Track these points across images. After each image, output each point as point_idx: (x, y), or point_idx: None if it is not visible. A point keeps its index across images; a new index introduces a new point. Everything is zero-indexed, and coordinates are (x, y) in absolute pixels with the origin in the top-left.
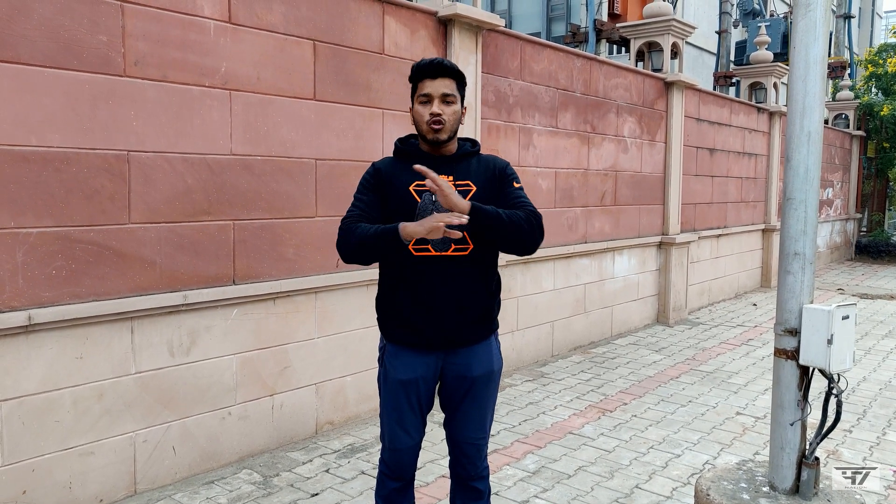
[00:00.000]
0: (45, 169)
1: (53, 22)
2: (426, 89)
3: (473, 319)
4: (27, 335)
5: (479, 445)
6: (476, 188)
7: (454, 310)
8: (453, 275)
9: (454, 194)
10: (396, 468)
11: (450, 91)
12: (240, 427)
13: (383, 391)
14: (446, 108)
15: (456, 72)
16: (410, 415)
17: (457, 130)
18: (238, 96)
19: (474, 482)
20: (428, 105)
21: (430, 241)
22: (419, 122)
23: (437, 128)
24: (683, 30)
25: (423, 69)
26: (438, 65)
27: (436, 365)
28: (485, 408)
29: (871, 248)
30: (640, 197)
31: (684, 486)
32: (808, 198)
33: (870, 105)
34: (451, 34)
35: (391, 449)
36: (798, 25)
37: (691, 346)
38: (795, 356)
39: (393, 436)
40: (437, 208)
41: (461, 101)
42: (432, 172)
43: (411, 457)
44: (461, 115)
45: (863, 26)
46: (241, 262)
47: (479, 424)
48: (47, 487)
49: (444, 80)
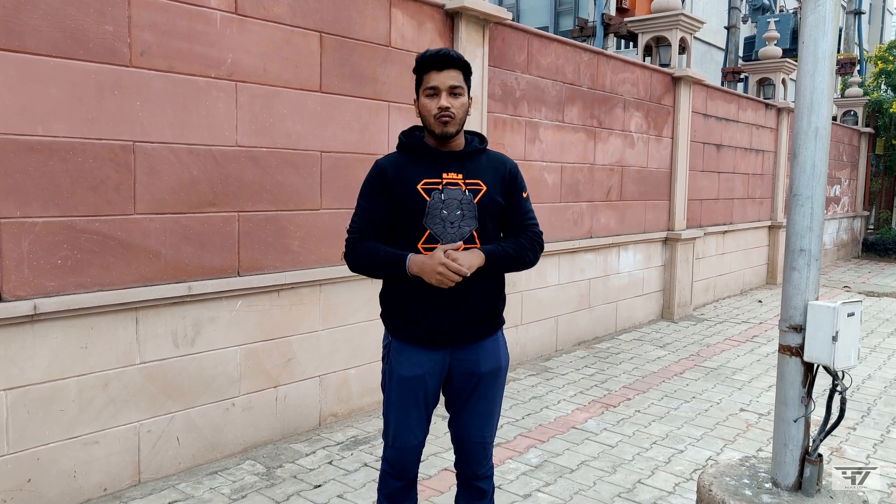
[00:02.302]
0: (51, 159)
1: (60, 11)
2: (433, 82)
3: (480, 315)
4: (32, 324)
5: (485, 444)
6: (486, 188)
7: (462, 306)
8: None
9: (470, 262)
10: (400, 467)
11: (457, 83)
12: (243, 418)
13: (388, 389)
14: (454, 101)
15: (462, 62)
16: (416, 413)
17: (464, 122)
18: (244, 88)
19: (479, 482)
20: (435, 98)
21: (440, 241)
22: (426, 115)
23: (447, 121)
24: (691, 25)
25: (428, 61)
26: (445, 56)
27: (443, 362)
28: (492, 405)
29: (878, 245)
30: (646, 192)
31: (687, 482)
32: (814, 194)
33: (879, 102)
34: (458, 27)
35: (395, 448)
36: (807, 20)
37: (696, 343)
38: (800, 353)
39: (398, 434)
40: (447, 207)
41: (468, 91)
42: (441, 255)
43: (415, 455)
44: (468, 107)
45: (873, 23)
46: (246, 253)
47: (486, 422)
48: (52, 476)
49: (450, 72)
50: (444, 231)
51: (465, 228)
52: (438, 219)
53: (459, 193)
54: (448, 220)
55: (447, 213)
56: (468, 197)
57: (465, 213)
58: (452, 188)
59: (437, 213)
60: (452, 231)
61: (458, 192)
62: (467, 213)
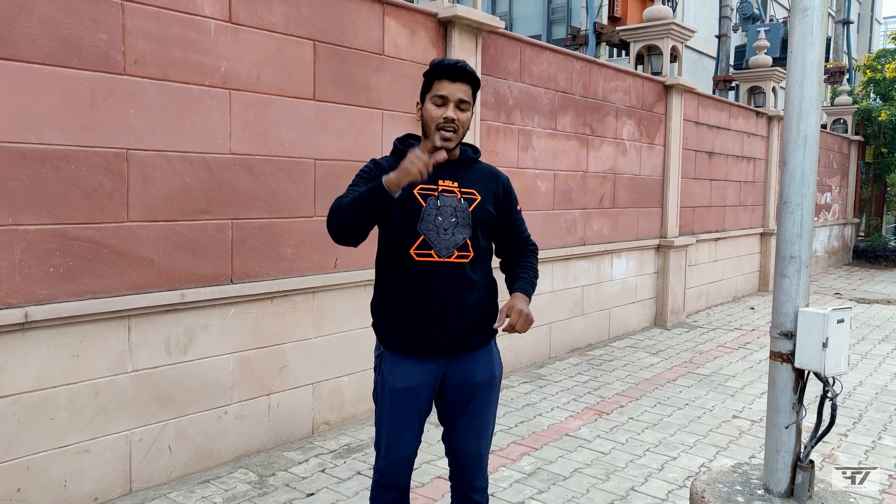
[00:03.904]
0: (44, 166)
1: (54, 20)
2: (443, 90)
3: (475, 324)
4: (24, 332)
5: (480, 456)
6: (480, 198)
7: (456, 315)
8: (455, 280)
9: (530, 313)
10: (393, 478)
11: (466, 98)
12: (236, 426)
13: (380, 401)
14: (461, 115)
15: (475, 78)
16: (409, 425)
17: (463, 137)
18: (238, 96)
19: (475, 494)
20: (443, 108)
21: (434, 247)
22: (428, 122)
23: (449, 135)
24: (683, 33)
25: (444, 69)
26: (461, 69)
27: (436, 373)
28: (486, 416)
29: (869, 252)
30: (639, 200)
31: (680, 489)
32: (804, 201)
33: (868, 110)
34: (452, 35)
35: (387, 459)
36: (795, 30)
37: (689, 349)
38: (791, 359)
39: (390, 446)
40: (441, 214)
41: (472, 107)
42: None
43: (408, 466)
44: (469, 122)
45: (861, 32)
46: (239, 261)
47: (482, 434)
48: (42, 485)
49: (462, 85)
50: (438, 237)
51: (458, 236)
52: (433, 225)
53: (455, 201)
54: (442, 227)
55: (442, 219)
56: (463, 205)
57: (458, 221)
58: (448, 195)
59: (432, 219)
60: (446, 238)
61: (454, 199)
62: (461, 221)
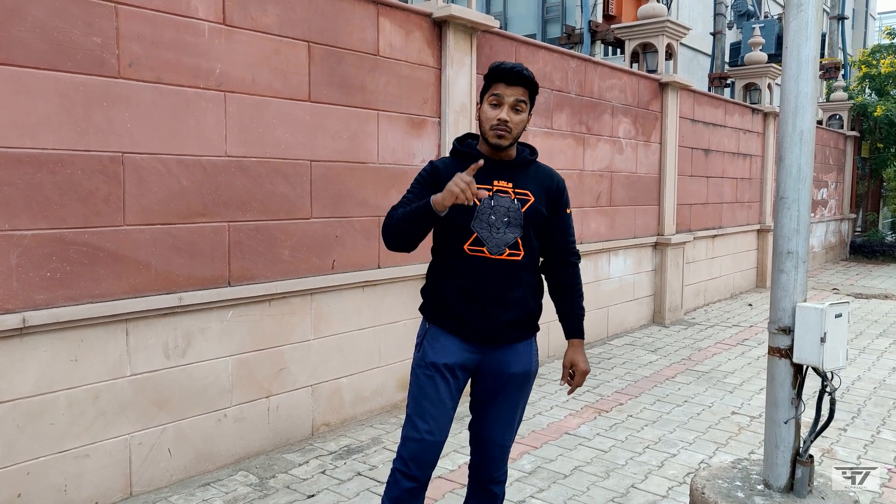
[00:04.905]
0: (40, 171)
1: (47, 24)
2: (499, 91)
3: (518, 319)
4: (21, 338)
5: (504, 447)
6: (534, 199)
7: (501, 309)
8: (504, 277)
9: (586, 361)
10: (414, 463)
11: (523, 99)
12: (235, 429)
13: (415, 376)
14: (514, 116)
15: (532, 82)
16: (440, 403)
17: (519, 137)
18: (233, 98)
19: (493, 486)
20: (498, 109)
21: (486, 245)
22: (483, 122)
23: (502, 134)
24: (678, 31)
25: (502, 73)
26: (518, 73)
27: (474, 358)
28: (516, 409)
29: (866, 247)
30: (636, 198)
31: (680, 486)
32: (800, 197)
33: (864, 106)
34: (446, 35)
35: (413, 439)
36: (790, 25)
37: (687, 347)
38: (789, 354)
39: (419, 421)
40: (495, 213)
41: (530, 108)
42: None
43: (433, 454)
44: (526, 123)
45: (856, 28)
46: (237, 263)
47: (509, 425)
48: (42, 490)
49: (518, 88)
50: (490, 236)
51: (509, 235)
52: (486, 223)
53: (508, 202)
54: (494, 226)
55: (495, 218)
56: (516, 206)
57: (511, 221)
58: (502, 196)
59: (486, 217)
60: (498, 236)
61: (508, 200)
62: (513, 221)
